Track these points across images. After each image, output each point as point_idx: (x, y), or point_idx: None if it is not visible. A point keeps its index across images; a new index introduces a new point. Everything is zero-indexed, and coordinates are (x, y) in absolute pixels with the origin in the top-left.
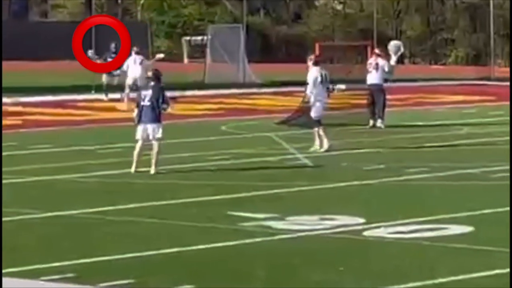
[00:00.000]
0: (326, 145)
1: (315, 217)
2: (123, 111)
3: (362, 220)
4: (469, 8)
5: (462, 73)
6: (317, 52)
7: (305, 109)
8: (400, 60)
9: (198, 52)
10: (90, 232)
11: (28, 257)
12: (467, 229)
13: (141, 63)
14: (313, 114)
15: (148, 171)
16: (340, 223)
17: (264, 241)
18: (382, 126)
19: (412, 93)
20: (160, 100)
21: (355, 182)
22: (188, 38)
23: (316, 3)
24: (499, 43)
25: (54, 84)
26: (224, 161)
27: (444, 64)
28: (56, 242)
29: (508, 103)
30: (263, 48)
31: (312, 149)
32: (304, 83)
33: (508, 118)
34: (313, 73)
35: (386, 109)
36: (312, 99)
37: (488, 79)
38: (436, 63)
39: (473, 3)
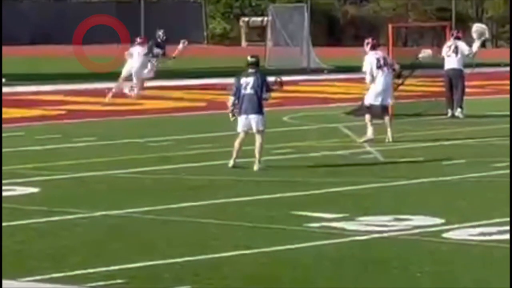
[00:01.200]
0: (367, 136)
1: (389, 217)
2: (104, 104)
3: (441, 221)
4: None
5: None
6: (389, 34)
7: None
8: (482, 45)
9: (257, 34)
10: (141, 233)
11: (73, 261)
12: None
13: (147, 54)
14: (365, 100)
15: (247, 166)
16: (416, 223)
17: (333, 243)
18: (462, 116)
19: (494, 79)
20: (264, 88)
21: (433, 179)
22: (246, 19)
23: None
24: None
25: (99, 70)
26: (287, 155)
27: None
28: (104, 245)
29: None
30: (329, 30)
31: (386, 140)
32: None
33: None
34: (369, 59)
35: (465, 97)
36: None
37: None
38: None
39: None
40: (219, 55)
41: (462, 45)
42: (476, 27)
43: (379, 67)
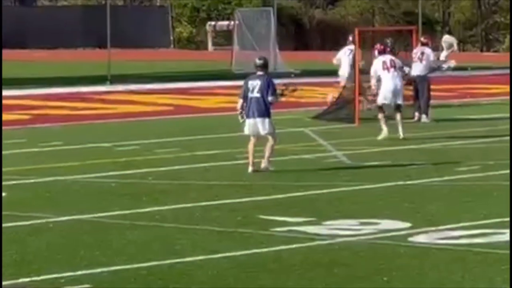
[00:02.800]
0: (383, 134)
1: (355, 221)
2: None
3: (407, 225)
4: None
5: None
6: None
7: (343, 102)
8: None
9: (224, 38)
10: (108, 238)
11: (40, 266)
12: None
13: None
14: (377, 100)
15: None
16: (383, 227)
17: (300, 247)
18: (428, 121)
19: (461, 83)
20: (270, 92)
21: (399, 182)
22: (213, 23)
23: None
24: None
25: (66, 75)
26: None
27: (497, 51)
28: (71, 250)
29: None
30: (295, 34)
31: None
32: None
33: None
34: (375, 63)
35: (431, 102)
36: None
37: None
38: (488, 50)
39: None
40: (185, 59)
41: (428, 51)
42: (446, 39)
43: (385, 68)
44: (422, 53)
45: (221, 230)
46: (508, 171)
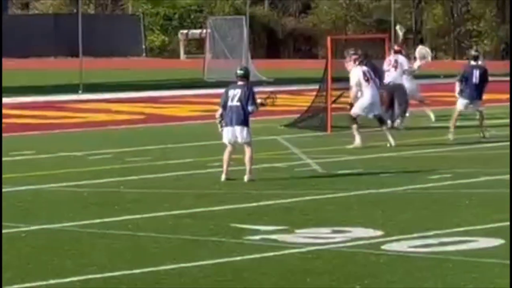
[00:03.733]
0: (355, 143)
1: (327, 230)
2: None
3: (380, 233)
4: None
5: (490, 68)
6: (328, 46)
7: (315, 110)
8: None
9: (196, 47)
10: (80, 247)
11: (11, 276)
12: (498, 242)
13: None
14: (352, 110)
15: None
16: (355, 235)
17: (272, 256)
18: (401, 128)
19: (434, 91)
20: (250, 101)
21: (372, 190)
22: (185, 31)
23: None
24: None
25: (37, 84)
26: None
27: (469, 58)
28: (42, 259)
29: None
30: (268, 43)
31: (388, 145)
32: (316, 81)
33: None
34: (356, 72)
35: (407, 109)
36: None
37: None
38: (460, 58)
39: None
40: (158, 67)
41: (401, 59)
42: (420, 49)
43: (366, 80)
44: (396, 61)
45: (193, 239)
46: (479, 178)
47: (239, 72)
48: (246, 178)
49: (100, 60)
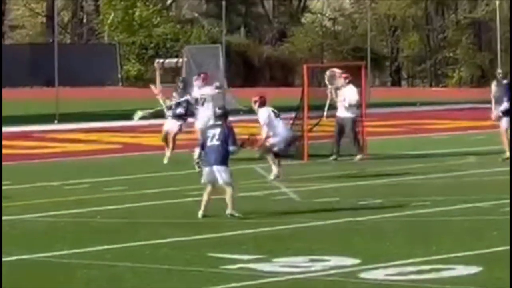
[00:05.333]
0: (274, 173)
1: (305, 258)
2: None
3: (357, 261)
4: (472, 24)
5: (467, 95)
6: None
7: (293, 138)
8: (398, 83)
9: (172, 76)
10: (57, 277)
11: None
12: (476, 269)
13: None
14: (269, 143)
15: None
16: (333, 264)
17: (250, 285)
18: (357, 159)
19: (410, 118)
20: (230, 141)
21: (349, 219)
22: (161, 60)
23: (303, 20)
24: (506, 62)
25: (13, 114)
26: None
27: (446, 86)
28: None
29: None
30: (244, 71)
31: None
32: (292, 109)
33: None
34: (264, 114)
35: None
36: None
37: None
38: (437, 85)
39: (477, 18)
40: (133, 97)
41: (351, 91)
42: (330, 72)
43: (277, 116)
44: (344, 98)
45: (170, 268)
46: (456, 206)
47: (218, 111)
48: (228, 211)
49: (76, 89)
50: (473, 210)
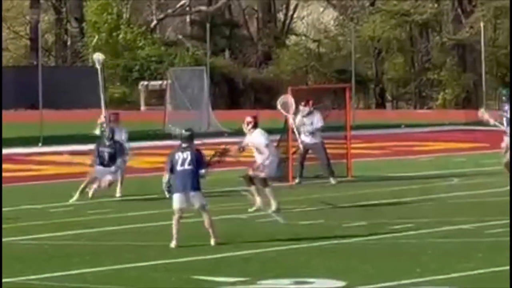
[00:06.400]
0: (256, 205)
1: (289, 281)
2: None
3: (342, 283)
4: (457, 46)
5: (451, 117)
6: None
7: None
8: (383, 105)
9: (156, 98)
10: None
11: None
12: None
13: None
14: (264, 174)
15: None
16: (317, 286)
17: None
18: (335, 182)
19: (395, 140)
20: (201, 164)
21: (334, 241)
22: (145, 83)
23: (287, 42)
24: (491, 84)
25: None
26: (186, 219)
27: (430, 108)
28: None
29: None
30: (229, 93)
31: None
32: (277, 131)
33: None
34: (262, 135)
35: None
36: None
37: (480, 124)
38: (421, 107)
39: (462, 40)
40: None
41: (317, 118)
42: (283, 99)
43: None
44: (311, 122)
45: None
46: (441, 228)
47: (185, 133)
48: (212, 242)
49: (60, 112)
50: (457, 232)
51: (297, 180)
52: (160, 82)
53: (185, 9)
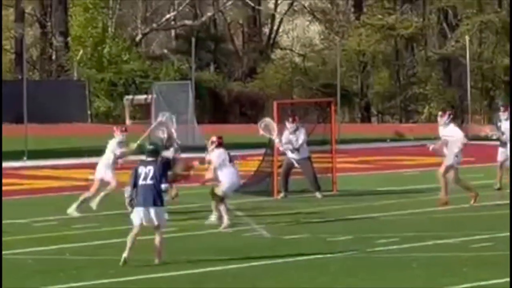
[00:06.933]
0: (225, 223)
1: None
2: None
3: None
4: (442, 60)
5: (437, 131)
6: (274, 111)
7: (260, 176)
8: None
9: (141, 112)
10: None
11: None
12: None
13: None
14: (219, 191)
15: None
16: None
17: None
18: (320, 196)
19: (380, 155)
20: (163, 179)
21: (319, 255)
22: (130, 97)
23: (273, 56)
24: (476, 98)
25: None
26: (172, 234)
27: (416, 122)
28: None
29: (488, 164)
30: (214, 107)
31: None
32: (261, 146)
33: (489, 181)
34: (217, 156)
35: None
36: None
37: (466, 137)
38: (407, 121)
39: (447, 54)
40: (103, 133)
41: (302, 133)
42: (265, 123)
43: (230, 161)
44: (297, 139)
45: None
46: (426, 242)
47: (149, 148)
48: (156, 261)
49: (45, 126)
50: (443, 246)
51: (282, 194)
52: (145, 96)
53: (170, 23)
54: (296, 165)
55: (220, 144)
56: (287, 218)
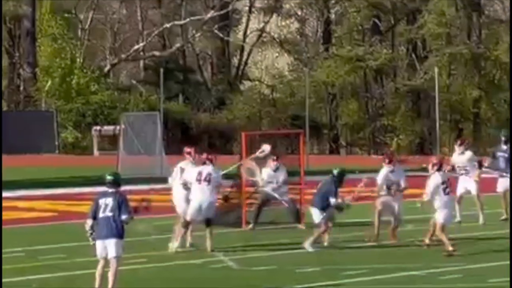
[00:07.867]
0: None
1: None
2: None
3: None
4: (411, 92)
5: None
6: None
7: (230, 207)
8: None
9: (109, 143)
10: None
11: None
12: None
13: None
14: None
15: None
16: None
17: None
18: (304, 227)
19: (349, 186)
20: (124, 210)
21: (286, 287)
22: (98, 127)
23: (241, 87)
24: (445, 130)
25: None
26: (140, 265)
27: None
28: None
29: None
30: (182, 138)
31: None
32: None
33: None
34: (193, 172)
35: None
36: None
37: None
38: (376, 153)
39: (416, 86)
40: (70, 164)
41: (283, 171)
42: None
43: (198, 180)
44: (278, 174)
45: None
46: (394, 274)
47: (109, 178)
48: None
49: (12, 157)
50: (410, 278)
51: (250, 226)
52: (113, 127)
53: (139, 54)
54: (276, 199)
55: (210, 160)
56: (255, 249)
